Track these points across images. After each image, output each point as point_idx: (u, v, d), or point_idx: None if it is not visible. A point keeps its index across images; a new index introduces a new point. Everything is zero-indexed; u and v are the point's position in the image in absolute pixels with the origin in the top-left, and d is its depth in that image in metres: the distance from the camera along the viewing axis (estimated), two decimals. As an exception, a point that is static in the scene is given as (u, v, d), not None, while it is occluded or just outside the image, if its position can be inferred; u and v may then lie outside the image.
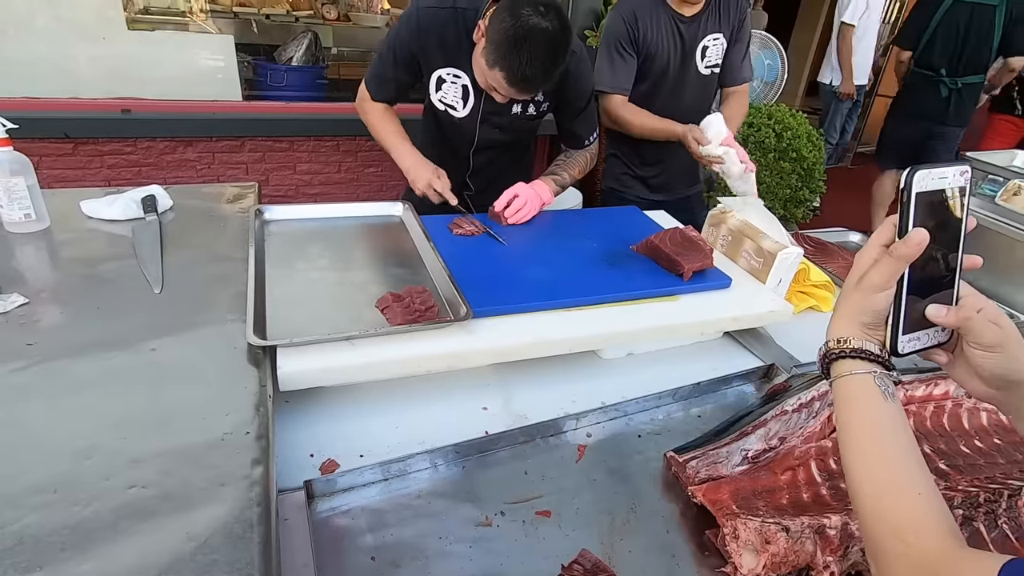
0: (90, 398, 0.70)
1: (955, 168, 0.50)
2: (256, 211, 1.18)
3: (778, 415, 0.89)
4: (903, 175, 0.49)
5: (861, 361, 0.54)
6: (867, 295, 0.53)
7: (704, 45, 1.68)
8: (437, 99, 1.43)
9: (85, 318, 0.85)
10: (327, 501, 0.74)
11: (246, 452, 0.64)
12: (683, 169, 1.87)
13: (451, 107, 1.43)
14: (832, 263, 1.53)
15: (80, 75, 2.62)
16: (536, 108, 1.45)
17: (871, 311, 0.54)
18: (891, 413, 0.51)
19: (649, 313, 1.04)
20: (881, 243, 0.54)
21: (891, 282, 0.52)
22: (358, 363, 0.83)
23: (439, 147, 1.55)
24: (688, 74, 1.71)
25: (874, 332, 0.55)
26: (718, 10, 1.66)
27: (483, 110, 1.42)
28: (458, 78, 1.38)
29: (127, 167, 2.66)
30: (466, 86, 1.38)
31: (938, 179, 0.49)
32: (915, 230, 0.49)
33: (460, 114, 1.43)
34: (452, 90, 1.40)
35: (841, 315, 0.56)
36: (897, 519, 0.47)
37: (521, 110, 1.43)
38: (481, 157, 1.55)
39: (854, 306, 0.55)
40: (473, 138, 1.49)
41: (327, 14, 3.98)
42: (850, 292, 0.56)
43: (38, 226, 1.08)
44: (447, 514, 0.74)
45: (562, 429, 0.90)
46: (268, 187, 2.94)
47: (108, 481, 0.59)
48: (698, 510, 0.77)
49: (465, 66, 1.35)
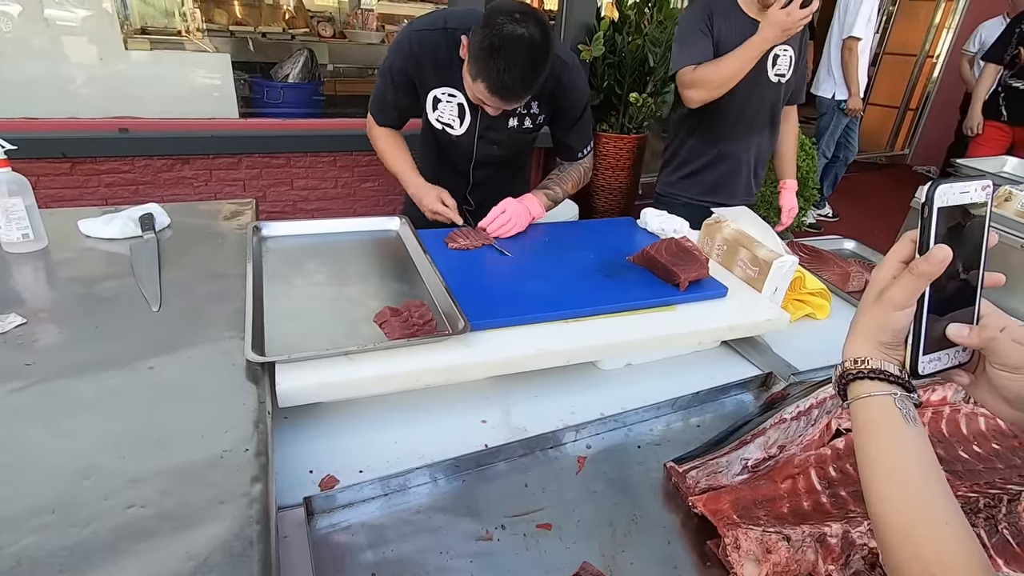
0: (88, 418, 0.70)
1: (977, 183, 0.49)
2: (254, 227, 1.19)
3: (777, 423, 0.90)
4: (924, 190, 0.48)
5: (880, 383, 0.51)
6: (886, 313, 0.51)
7: (775, 53, 1.75)
8: (434, 118, 1.45)
9: (83, 337, 0.85)
10: (327, 517, 0.74)
11: (245, 469, 0.64)
12: (742, 177, 1.95)
13: (448, 125, 1.45)
14: (827, 271, 1.54)
15: (78, 95, 2.64)
16: (532, 121, 1.47)
17: (890, 330, 0.52)
18: (914, 437, 0.49)
19: (646, 323, 1.05)
20: (900, 259, 0.52)
21: (911, 300, 0.50)
22: (357, 378, 0.83)
23: (439, 164, 1.58)
24: (760, 79, 1.77)
25: (893, 352, 0.53)
26: None
27: (480, 127, 1.44)
28: (453, 97, 1.40)
29: (124, 185, 2.67)
30: (461, 104, 1.40)
31: (959, 194, 0.48)
32: (937, 247, 0.48)
33: (457, 132, 1.45)
34: (448, 109, 1.42)
35: (858, 333, 0.54)
36: (927, 554, 0.45)
37: (517, 124, 1.45)
38: (480, 173, 1.57)
39: (872, 324, 0.53)
40: (471, 155, 1.51)
41: (323, 31, 4.03)
42: (868, 309, 0.53)
43: (36, 246, 1.08)
44: (447, 529, 0.74)
45: (561, 441, 0.90)
46: (265, 203, 2.95)
47: (107, 501, 0.59)
48: (699, 520, 0.77)
49: (459, 85, 1.37)
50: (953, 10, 6.08)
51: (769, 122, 1.91)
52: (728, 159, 1.90)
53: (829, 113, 4.08)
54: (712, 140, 1.88)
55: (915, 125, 6.68)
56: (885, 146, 6.89)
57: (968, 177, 0.49)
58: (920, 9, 6.28)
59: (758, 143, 1.92)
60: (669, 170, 2.01)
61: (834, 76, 3.95)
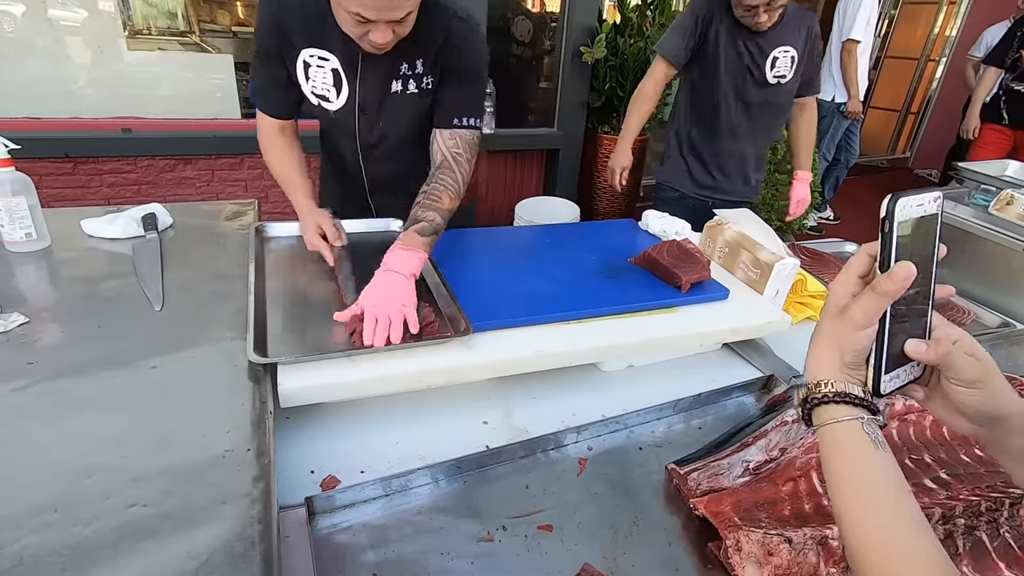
0: (91, 417, 0.70)
1: (931, 195, 0.48)
2: (256, 228, 1.19)
3: (778, 426, 0.89)
4: (884, 204, 0.46)
5: (846, 407, 0.50)
6: (848, 333, 0.50)
7: (775, 56, 1.79)
8: (308, 91, 1.21)
9: (86, 337, 0.86)
10: (328, 518, 0.74)
11: (247, 469, 0.64)
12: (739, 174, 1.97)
13: (323, 98, 1.22)
14: (829, 274, 1.54)
15: (81, 95, 2.66)
16: (418, 83, 1.21)
17: (852, 350, 0.50)
18: (884, 464, 0.48)
19: (648, 325, 1.05)
20: (858, 273, 0.51)
21: (874, 320, 0.49)
22: (358, 379, 0.83)
23: (331, 160, 1.42)
24: (758, 81, 1.82)
25: (855, 372, 0.51)
26: (789, 24, 1.78)
27: (359, 98, 1.22)
28: (325, 60, 1.17)
29: (127, 185, 2.68)
30: (336, 70, 1.18)
31: (916, 207, 0.47)
32: (900, 264, 0.47)
33: (335, 105, 1.23)
34: (320, 76, 1.19)
35: (819, 355, 0.52)
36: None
37: (401, 87, 1.21)
38: (373, 165, 1.35)
39: (834, 344, 0.51)
40: (355, 136, 1.29)
41: (325, 33, 4.02)
42: (828, 328, 0.52)
43: (39, 245, 1.09)
44: (449, 530, 0.74)
45: (563, 442, 0.90)
46: (267, 204, 2.96)
47: (109, 500, 0.59)
48: (700, 522, 0.77)
49: (332, 47, 1.15)
50: (955, 14, 6.09)
51: (769, 121, 1.93)
52: (723, 155, 1.92)
53: (829, 116, 4.07)
54: (709, 136, 1.91)
55: (916, 128, 6.68)
56: (886, 149, 6.90)
57: (921, 190, 0.48)
58: (921, 12, 6.28)
59: (756, 141, 1.95)
60: (668, 162, 2.04)
61: (834, 79, 3.95)
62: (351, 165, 1.36)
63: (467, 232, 1.33)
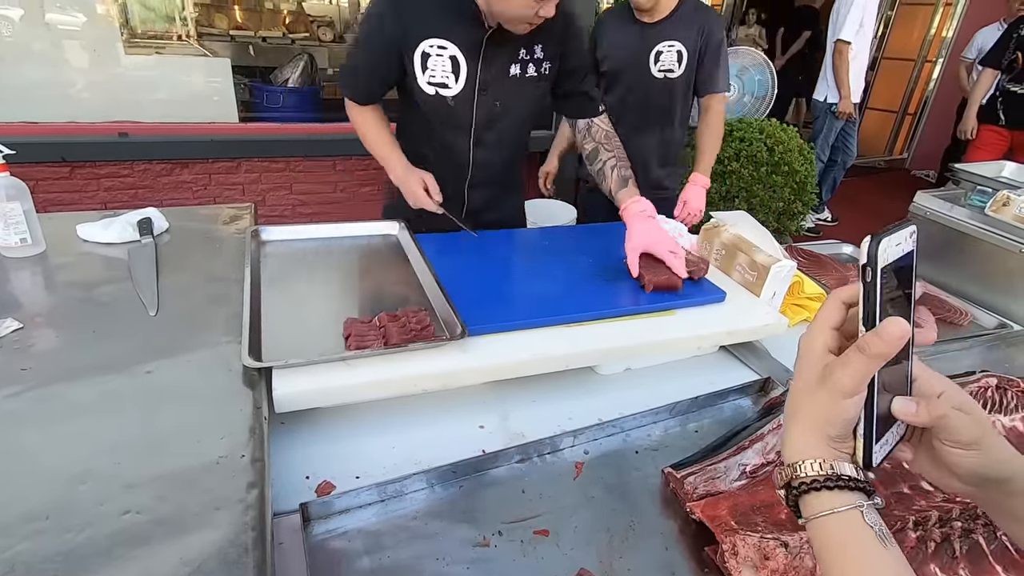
0: (84, 423, 0.70)
1: (906, 230, 0.43)
2: (252, 232, 1.19)
3: (775, 429, 0.89)
4: (864, 248, 0.40)
5: (841, 492, 0.42)
6: (835, 402, 0.43)
7: (659, 49, 1.85)
8: (425, 81, 1.27)
9: (80, 342, 0.85)
10: (323, 524, 0.74)
11: (241, 475, 0.64)
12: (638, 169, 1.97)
13: (442, 85, 1.28)
14: (825, 275, 1.54)
15: (78, 99, 2.66)
16: (537, 68, 1.31)
17: (840, 421, 0.43)
18: (893, 565, 0.40)
19: (645, 328, 1.04)
20: (832, 325, 0.45)
21: (863, 385, 0.42)
22: (354, 383, 0.83)
23: (432, 156, 1.41)
24: (641, 76, 1.89)
25: (843, 445, 0.44)
26: (680, 20, 1.83)
27: (479, 80, 1.28)
28: (444, 49, 1.24)
29: (123, 189, 2.68)
30: (454, 57, 1.25)
31: (895, 246, 0.42)
32: (892, 321, 0.40)
33: (454, 91, 1.29)
34: (440, 64, 1.25)
35: (801, 427, 0.45)
36: None
37: (520, 71, 1.30)
38: (482, 153, 1.40)
39: (819, 416, 0.44)
40: (471, 121, 1.34)
41: (323, 36, 4.04)
42: (808, 397, 0.45)
43: (34, 251, 1.08)
44: (444, 535, 0.74)
45: (559, 446, 0.90)
46: (264, 207, 2.96)
47: (102, 507, 0.58)
48: (697, 526, 0.77)
49: (451, 34, 1.23)
50: (951, 15, 6.11)
51: (663, 117, 1.96)
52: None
53: (822, 116, 4.11)
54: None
55: (914, 129, 6.70)
56: (884, 150, 6.91)
57: (897, 226, 0.42)
58: (918, 14, 6.31)
59: (652, 137, 1.98)
60: None
61: (827, 79, 3.99)
62: (458, 154, 1.40)
63: (463, 234, 1.33)
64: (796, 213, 3.40)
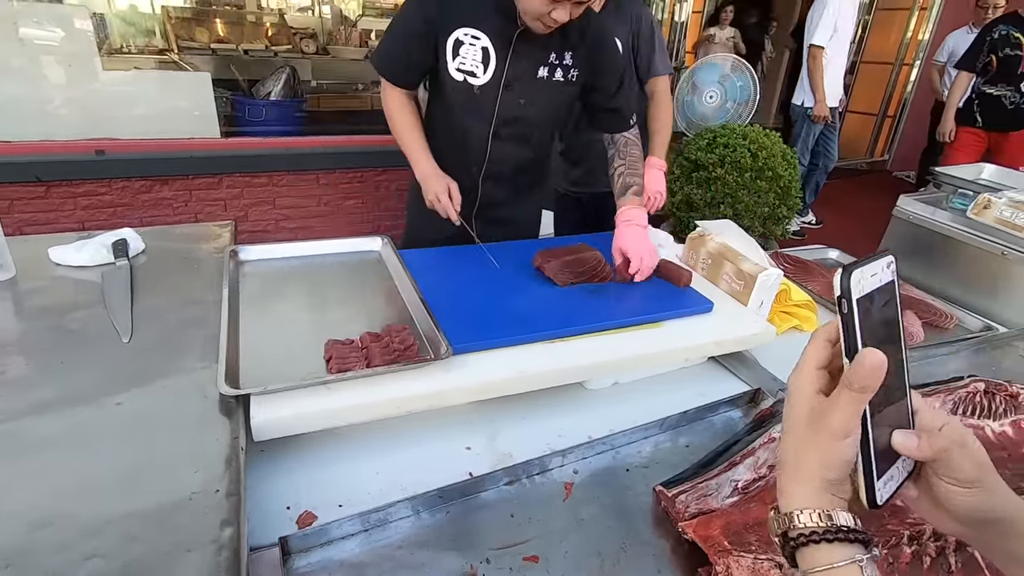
0: (50, 459, 0.67)
1: (883, 261, 0.43)
2: (231, 252, 1.16)
3: (766, 443, 0.88)
4: (836, 281, 0.40)
5: (840, 545, 0.40)
6: (829, 445, 0.41)
7: None
8: (455, 68, 1.31)
9: (49, 372, 0.82)
10: (304, 557, 0.71)
11: (215, 512, 0.61)
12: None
13: (470, 74, 1.31)
14: (812, 281, 1.54)
15: (53, 116, 2.61)
16: (564, 74, 1.35)
17: (838, 464, 0.41)
18: None
19: (633, 341, 1.03)
20: (818, 365, 0.44)
21: (856, 423, 0.41)
22: (335, 408, 0.81)
23: (450, 143, 1.43)
24: None
25: (840, 489, 0.42)
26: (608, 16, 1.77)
27: (507, 74, 1.31)
28: (476, 39, 1.28)
29: (102, 208, 2.63)
30: (486, 48, 1.28)
31: (870, 277, 0.42)
32: (866, 351, 0.40)
33: (481, 80, 1.31)
34: (471, 53, 1.29)
35: (797, 475, 0.43)
36: None
37: (548, 74, 1.33)
38: (500, 148, 1.42)
39: (814, 462, 0.42)
40: (493, 111, 1.36)
41: (305, 48, 4.02)
42: (800, 441, 0.43)
43: (3, 276, 1.05)
44: (431, 565, 0.71)
45: (548, 467, 0.88)
46: (247, 223, 2.92)
47: (66, 552, 0.56)
48: (690, 546, 0.75)
49: (485, 26, 1.27)
50: (926, 19, 6.23)
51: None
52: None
53: (800, 121, 4.16)
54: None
55: (893, 131, 6.81)
56: (865, 152, 7.01)
57: (872, 257, 0.42)
58: (895, 18, 6.43)
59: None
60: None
61: (804, 85, 4.03)
62: (476, 144, 1.42)
63: (445, 250, 1.31)
64: (781, 217, 3.43)
